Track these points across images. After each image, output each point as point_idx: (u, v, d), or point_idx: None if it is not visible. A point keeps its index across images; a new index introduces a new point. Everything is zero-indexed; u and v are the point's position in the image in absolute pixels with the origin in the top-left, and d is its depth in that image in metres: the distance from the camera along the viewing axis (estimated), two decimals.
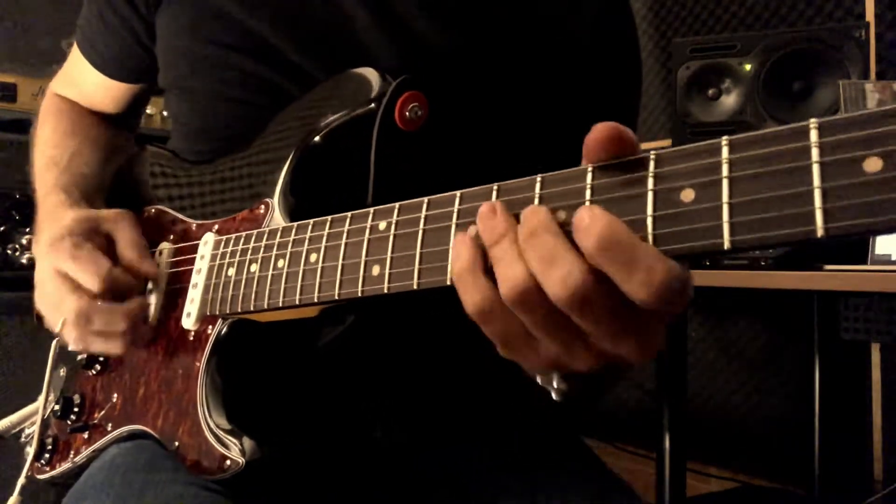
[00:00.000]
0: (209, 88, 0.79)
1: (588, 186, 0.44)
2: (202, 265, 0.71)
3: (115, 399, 0.78)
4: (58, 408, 0.81)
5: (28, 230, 1.74)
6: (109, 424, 0.77)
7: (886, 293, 1.50)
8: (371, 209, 0.55)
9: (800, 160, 0.37)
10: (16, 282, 1.71)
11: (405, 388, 0.76)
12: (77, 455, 0.79)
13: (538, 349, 0.46)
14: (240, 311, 0.66)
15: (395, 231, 0.53)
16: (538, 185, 0.46)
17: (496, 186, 0.48)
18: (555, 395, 0.50)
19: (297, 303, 0.60)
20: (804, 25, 2.05)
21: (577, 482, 0.74)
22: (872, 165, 0.35)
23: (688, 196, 0.40)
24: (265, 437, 0.64)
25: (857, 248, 1.38)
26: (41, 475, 0.82)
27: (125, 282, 0.73)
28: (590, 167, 0.44)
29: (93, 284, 0.70)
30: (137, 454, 0.71)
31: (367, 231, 0.55)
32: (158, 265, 0.76)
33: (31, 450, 0.82)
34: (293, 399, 0.72)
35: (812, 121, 0.37)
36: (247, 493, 0.66)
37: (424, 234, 0.51)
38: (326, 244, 0.58)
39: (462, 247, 0.46)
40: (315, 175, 0.69)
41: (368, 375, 0.75)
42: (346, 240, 0.56)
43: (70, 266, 0.71)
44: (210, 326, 0.69)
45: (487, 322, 0.46)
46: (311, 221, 0.61)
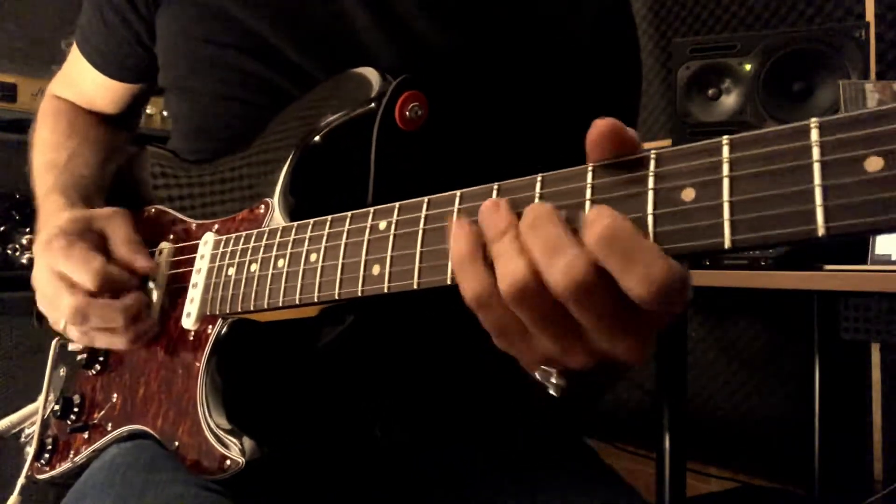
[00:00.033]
0: (209, 88, 0.79)
1: (588, 185, 0.44)
2: (202, 265, 0.71)
3: (115, 399, 0.78)
4: (58, 408, 0.81)
5: (28, 230, 1.74)
6: (109, 424, 0.77)
7: (886, 293, 1.50)
8: (371, 209, 0.55)
9: (801, 159, 0.37)
10: (16, 282, 1.71)
11: (405, 388, 0.76)
12: (77, 455, 0.79)
13: (533, 343, 0.46)
14: (240, 311, 0.66)
15: (396, 231, 0.53)
16: (538, 185, 0.46)
17: (496, 186, 0.48)
18: (552, 391, 0.50)
19: (297, 302, 0.60)
20: (804, 25, 2.05)
21: (578, 482, 0.74)
22: (873, 164, 0.35)
23: (688, 195, 0.40)
24: (265, 437, 0.64)
25: (857, 248, 1.38)
26: (41, 475, 0.82)
27: (120, 278, 0.73)
28: (590, 166, 0.44)
29: (87, 281, 0.70)
30: (137, 454, 0.71)
31: (368, 231, 0.55)
32: (158, 264, 0.76)
33: (31, 450, 0.82)
34: (293, 399, 0.72)
35: (813, 120, 0.37)
36: (247, 493, 0.66)
37: (425, 234, 0.51)
38: (326, 244, 0.58)
39: (461, 231, 0.46)
40: (315, 175, 0.69)
41: (368, 375, 0.75)
42: (347, 239, 0.56)
43: (64, 265, 0.72)
44: (210, 326, 0.69)
45: (485, 311, 0.46)
46: (312, 221, 0.61)
